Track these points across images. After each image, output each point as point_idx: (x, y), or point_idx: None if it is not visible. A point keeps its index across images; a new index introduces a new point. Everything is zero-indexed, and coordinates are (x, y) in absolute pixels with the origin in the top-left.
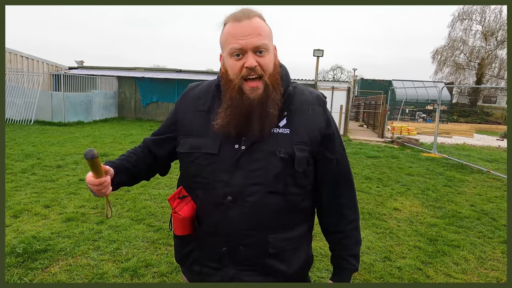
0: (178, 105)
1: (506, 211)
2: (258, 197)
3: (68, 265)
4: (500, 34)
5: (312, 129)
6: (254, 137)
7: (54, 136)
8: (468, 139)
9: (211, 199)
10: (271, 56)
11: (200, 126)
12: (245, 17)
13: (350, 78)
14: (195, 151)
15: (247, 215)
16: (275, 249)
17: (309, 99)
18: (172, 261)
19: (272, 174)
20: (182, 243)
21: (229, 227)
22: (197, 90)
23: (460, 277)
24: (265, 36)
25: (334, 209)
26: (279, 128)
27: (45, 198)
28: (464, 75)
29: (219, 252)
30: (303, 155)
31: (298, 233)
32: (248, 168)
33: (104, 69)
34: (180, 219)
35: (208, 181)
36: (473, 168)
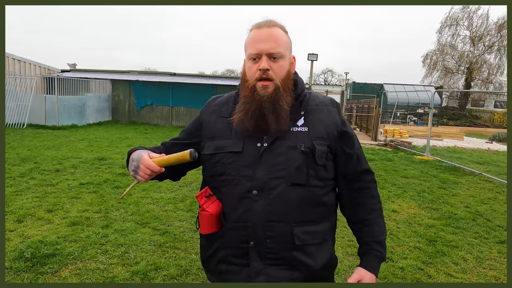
0: (202, 113)
1: (500, 212)
2: (282, 189)
3: (77, 269)
4: (488, 39)
5: (328, 125)
6: (274, 135)
7: (49, 140)
8: (458, 142)
9: (237, 194)
10: (285, 63)
11: (223, 129)
12: (266, 25)
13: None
14: (219, 151)
15: (272, 207)
16: (301, 241)
17: (323, 101)
18: (181, 264)
19: (294, 167)
20: (208, 242)
21: (255, 219)
22: (219, 100)
23: (460, 276)
24: (281, 44)
25: (358, 199)
26: (298, 127)
27: (47, 202)
28: (453, 79)
29: (246, 247)
30: (323, 148)
31: (322, 228)
32: (270, 162)
33: (97, 72)
34: (208, 216)
35: (233, 178)
36: (465, 170)
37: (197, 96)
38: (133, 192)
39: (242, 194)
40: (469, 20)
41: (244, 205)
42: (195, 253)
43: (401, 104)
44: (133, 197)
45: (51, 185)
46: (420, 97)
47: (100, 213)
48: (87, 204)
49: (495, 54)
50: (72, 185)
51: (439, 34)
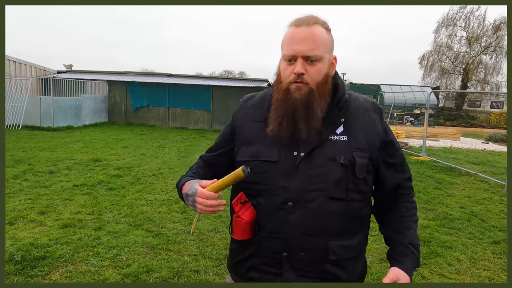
0: (235, 116)
1: (494, 212)
2: (319, 203)
3: (68, 272)
4: (484, 40)
5: (370, 135)
6: (312, 144)
7: (44, 141)
8: (454, 142)
9: (272, 204)
10: (323, 66)
11: (258, 135)
12: (305, 23)
13: None
14: (254, 159)
15: (308, 220)
16: (336, 256)
17: (363, 105)
18: (173, 266)
19: (333, 180)
20: (240, 248)
21: (290, 232)
22: (252, 101)
23: (453, 277)
24: (320, 45)
25: (397, 203)
26: (337, 135)
27: (40, 204)
28: (450, 80)
29: (279, 257)
30: (363, 161)
31: (357, 240)
32: (307, 173)
33: (93, 73)
34: (243, 223)
35: (268, 188)
36: (461, 171)
37: (194, 97)
38: (126, 194)
39: (277, 205)
40: (466, 21)
41: (280, 216)
42: (187, 255)
43: (398, 104)
44: (127, 198)
45: (44, 187)
46: (416, 98)
47: (93, 215)
48: (80, 206)
49: (491, 54)
50: (66, 186)
51: (435, 34)
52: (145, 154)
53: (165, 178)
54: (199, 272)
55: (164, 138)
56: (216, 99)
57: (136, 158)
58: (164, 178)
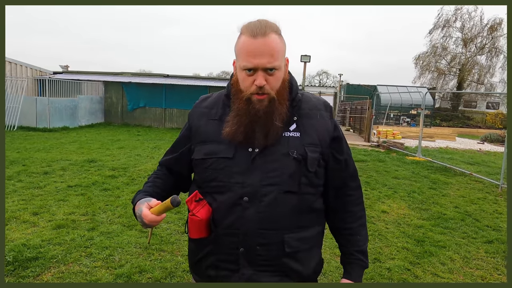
0: (191, 116)
1: (488, 212)
2: (274, 197)
3: (60, 272)
4: (479, 40)
5: (321, 131)
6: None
7: (39, 142)
8: (450, 143)
9: (228, 200)
10: (281, 73)
11: (213, 133)
12: (261, 33)
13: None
14: (210, 156)
15: (263, 214)
16: (291, 248)
17: (316, 105)
18: (166, 266)
19: (287, 174)
20: (198, 247)
21: (246, 226)
22: (208, 101)
23: (447, 276)
24: (278, 55)
25: (343, 207)
26: (290, 132)
27: (33, 205)
28: (445, 80)
29: (236, 253)
30: (315, 155)
31: (311, 233)
32: (263, 169)
33: (90, 74)
34: (197, 221)
35: (224, 184)
36: (456, 171)
37: (190, 98)
38: (121, 195)
39: (233, 200)
40: (461, 22)
41: (235, 212)
42: (181, 255)
43: (394, 105)
44: (121, 199)
45: (39, 187)
46: (413, 98)
47: (87, 215)
48: (74, 207)
49: (486, 55)
50: (60, 187)
51: (431, 35)
52: (140, 155)
53: None
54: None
55: (160, 139)
56: None
57: (132, 159)
58: None
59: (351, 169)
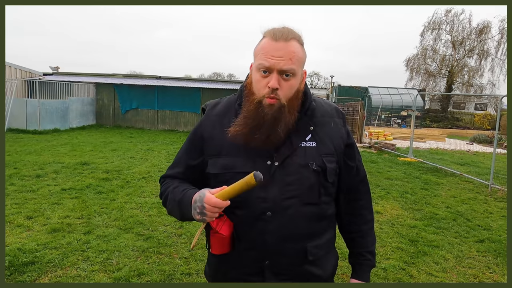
0: (203, 126)
1: (479, 212)
2: (295, 209)
3: (57, 276)
4: (468, 43)
5: (336, 140)
6: (285, 153)
7: (30, 145)
8: (440, 144)
9: (250, 215)
10: (296, 81)
11: (228, 145)
12: (283, 38)
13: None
14: (228, 171)
15: (286, 227)
16: (313, 256)
17: (328, 111)
18: (164, 269)
19: (307, 186)
20: (220, 262)
21: (270, 240)
22: (218, 108)
23: (440, 275)
24: (296, 61)
25: (353, 210)
26: (306, 142)
27: (27, 209)
28: (435, 82)
29: (261, 266)
30: (332, 166)
31: (327, 238)
32: (283, 182)
33: (81, 76)
34: (221, 238)
35: (244, 199)
36: (447, 172)
37: (183, 99)
38: (116, 197)
39: (255, 215)
40: (451, 24)
41: (258, 227)
42: (179, 258)
43: (385, 106)
44: (117, 202)
45: (32, 191)
46: (403, 100)
47: (82, 219)
48: (68, 210)
49: (475, 58)
50: (54, 190)
51: (421, 38)
52: (134, 157)
53: (155, 181)
54: (190, 274)
55: (153, 141)
56: (205, 101)
57: (125, 161)
58: (153, 181)
59: (361, 175)
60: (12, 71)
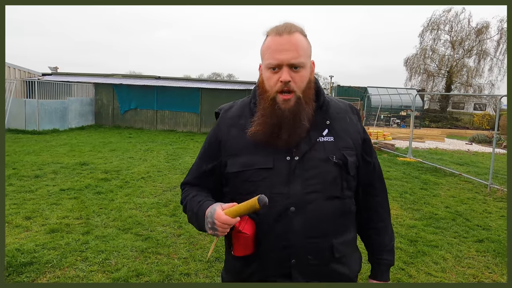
0: (219, 130)
1: (478, 212)
2: (318, 204)
3: (56, 277)
4: (467, 43)
5: (353, 135)
6: (304, 148)
7: (28, 145)
8: (440, 144)
9: (273, 212)
10: (306, 72)
11: (245, 144)
12: (286, 31)
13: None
14: (248, 168)
15: (310, 223)
16: (339, 253)
17: (343, 108)
18: (163, 269)
19: (329, 180)
20: (244, 264)
21: (295, 237)
22: (233, 111)
23: (440, 275)
24: (303, 53)
25: (370, 208)
26: (323, 137)
27: (26, 209)
28: (434, 82)
29: (288, 266)
30: (353, 159)
31: (352, 236)
32: (304, 177)
33: (80, 76)
34: (245, 238)
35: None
36: (446, 171)
37: (182, 99)
38: (115, 198)
39: (279, 212)
40: (449, 24)
41: (282, 224)
42: (177, 258)
43: (385, 107)
44: (115, 202)
45: (30, 191)
46: (402, 100)
47: (81, 219)
48: (67, 211)
49: (474, 58)
50: (52, 191)
51: (420, 38)
52: (133, 157)
53: (154, 182)
54: (189, 275)
55: (152, 141)
56: (204, 102)
57: (124, 162)
58: (153, 181)
59: (378, 171)
60: (11, 71)
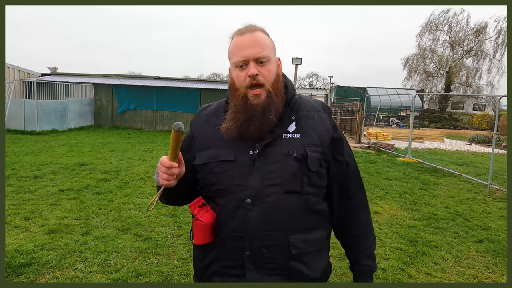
0: (192, 125)
1: (477, 212)
2: (276, 197)
3: (55, 278)
4: (466, 44)
5: (321, 132)
6: (265, 141)
7: (28, 146)
8: (439, 144)
9: (231, 203)
10: (272, 66)
11: (214, 139)
12: (248, 31)
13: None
14: (211, 161)
15: (267, 216)
16: (297, 250)
17: (314, 106)
18: (163, 270)
19: (289, 174)
20: (203, 254)
21: (251, 229)
22: (208, 110)
23: (439, 275)
24: (266, 48)
25: (347, 210)
26: (290, 134)
27: (25, 210)
28: (433, 83)
29: (241, 257)
30: (315, 155)
31: (317, 236)
32: (263, 170)
33: (79, 76)
34: (202, 225)
35: (225, 187)
36: (445, 172)
37: (181, 100)
38: (114, 198)
39: (236, 203)
40: (448, 25)
41: (239, 215)
42: (177, 258)
43: (384, 107)
44: (115, 203)
45: (29, 192)
46: (402, 100)
47: (80, 220)
48: (66, 211)
49: (472, 58)
50: (51, 191)
51: (419, 38)
52: (132, 158)
53: (153, 182)
54: (189, 275)
55: (151, 142)
56: (204, 102)
57: (124, 162)
58: (152, 181)
59: (352, 171)
60: (10, 72)
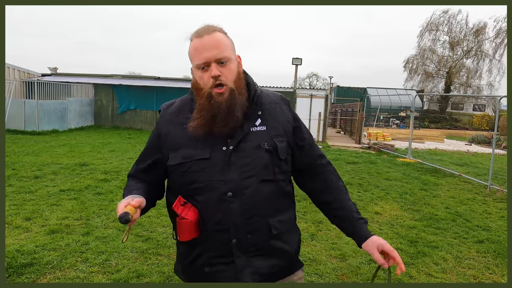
0: (159, 124)
1: (478, 212)
2: (254, 187)
3: (56, 278)
4: (465, 44)
5: (283, 123)
6: (238, 138)
7: (28, 146)
8: (439, 144)
9: (213, 198)
10: (233, 65)
11: (185, 138)
12: (206, 32)
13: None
14: (187, 160)
15: (248, 205)
16: (277, 230)
17: (274, 99)
18: (164, 270)
19: (262, 165)
20: (189, 249)
21: (234, 219)
22: (173, 107)
23: (440, 276)
24: (226, 48)
25: (323, 180)
26: (256, 127)
27: (25, 210)
28: (433, 83)
29: (229, 246)
30: (283, 145)
31: (289, 216)
32: (239, 164)
33: (79, 76)
34: (188, 223)
35: (205, 184)
36: (445, 172)
37: None
38: (115, 198)
39: (218, 197)
40: (448, 25)
41: (222, 208)
42: None
43: (384, 107)
44: (115, 203)
45: (30, 192)
46: (402, 101)
47: (81, 220)
48: (67, 211)
49: (472, 59)
50: (52, 192)
51: (419, 39)
52: (132, 158)
53: None
54: None
55: None
56: None
57: (124, 162)
58: None
59: (316, 149)
60: (10, 72)
